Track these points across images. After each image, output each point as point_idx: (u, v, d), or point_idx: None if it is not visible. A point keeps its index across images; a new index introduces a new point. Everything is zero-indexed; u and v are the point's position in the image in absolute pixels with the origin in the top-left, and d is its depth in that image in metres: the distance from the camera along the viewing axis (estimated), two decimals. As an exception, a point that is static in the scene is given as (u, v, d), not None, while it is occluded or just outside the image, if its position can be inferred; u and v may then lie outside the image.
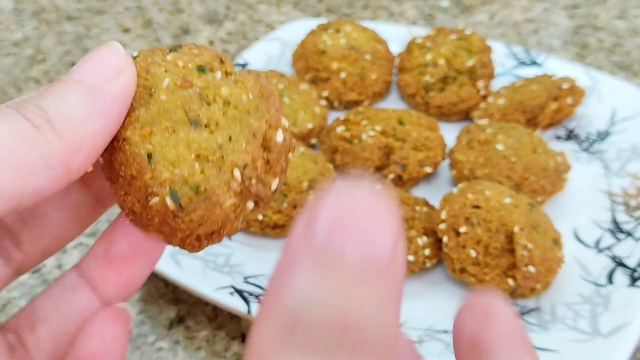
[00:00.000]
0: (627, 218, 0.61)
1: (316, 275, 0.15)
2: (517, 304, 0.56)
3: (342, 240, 0.15)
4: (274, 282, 0.16)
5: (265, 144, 0.24)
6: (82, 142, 0.22)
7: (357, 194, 0.15)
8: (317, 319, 0.14)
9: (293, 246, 0.16)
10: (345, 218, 0.15)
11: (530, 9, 0.96)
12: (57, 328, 0.27)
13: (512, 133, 0.64)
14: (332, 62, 0.75)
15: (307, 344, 0.14)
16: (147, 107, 0.24)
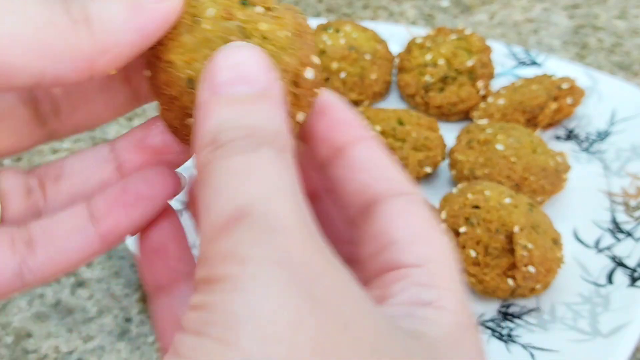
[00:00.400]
0: (627, 218, 0.61)
1: (222, 109, 0.22)
2: (517, 304, 0.56)
3: (232, 82, 0.22)
4: (197, 122, 0.22)
5: (295, 80, 0.26)
6: (111, 48, 0.24)
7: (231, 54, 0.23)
8: (230, 134, 0.21)
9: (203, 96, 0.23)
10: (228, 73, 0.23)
11: (530, 9, 0.96)
12: (77, 187, 0.29)
13: (512, 133, 0.64)
14: (331, 62, 0.75)
15: (227, 149, 0.21)
16: (192, 33, 0.25)
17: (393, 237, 0.25)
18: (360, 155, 0.27)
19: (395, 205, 0.25)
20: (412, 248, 0.24)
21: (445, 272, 0.24)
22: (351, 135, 0.27)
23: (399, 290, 0.23)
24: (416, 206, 0.26)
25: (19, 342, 0.56)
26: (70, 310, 0.58)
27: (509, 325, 0.54)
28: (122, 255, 0.62)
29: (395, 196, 0.26)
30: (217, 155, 0.21)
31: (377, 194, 0.26)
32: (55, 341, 0.56)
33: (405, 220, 0.25)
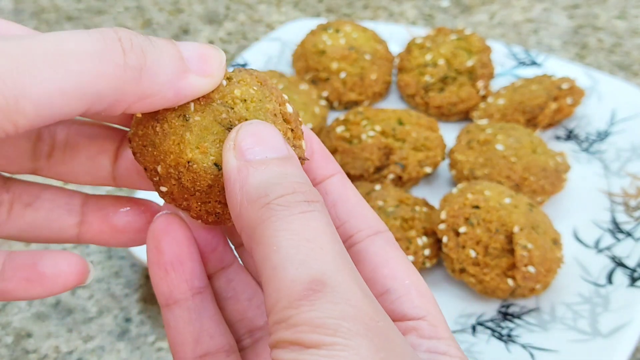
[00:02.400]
0: (627, 218, 0.61)
1: (259, 169, 0.25)
2: (517, 304, 0.56)
3: (258, 148, 0.26)
4: (233, 186, 0.26)
5: (284, 118, 0.29)
6: (149, 97, 0.26)
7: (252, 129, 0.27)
8: (279, 190, 0.25)
9: (231, 163, 0.26)
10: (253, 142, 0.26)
11: (530, 9, 0.96)
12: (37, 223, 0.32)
13: (511, 133, 0.64)
14: (331, 62, 0.75)
15: (283, 208, 0.24)
16: (191, 130, 0.28)
17: (386, 285, 0.29)
18: (333, 191, 0.30)
19: (376, 246, 0.30)
20: (410, 300, 0.28)
21: (441, 321, 0.28)
22: (328, 168, 0.31)
23: (415, 345, 0.27)
24: (392, 246, 0.30)
25: (19, 342, 0.56)
26: (70, 310, 0.58)
27: (508, 325, 0.54)
28: (122, 256, 0.62)
29: (373, 235, 0.30)
30: (273, 212, 0.24)
31: (355, 232, 0.30)
32: (55, 341, 0.56)
33: (389, 264, 0.29)
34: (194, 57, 0.27)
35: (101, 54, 0.24)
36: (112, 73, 0.24)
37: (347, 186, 0.31)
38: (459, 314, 0.55)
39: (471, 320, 0.55)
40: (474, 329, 0.54)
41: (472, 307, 0.56)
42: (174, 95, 0.26)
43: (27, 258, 0.30)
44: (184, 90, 0.26)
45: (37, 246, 0.59)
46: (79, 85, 0.23)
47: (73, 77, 0.23)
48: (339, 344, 0.22)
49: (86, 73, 0.23)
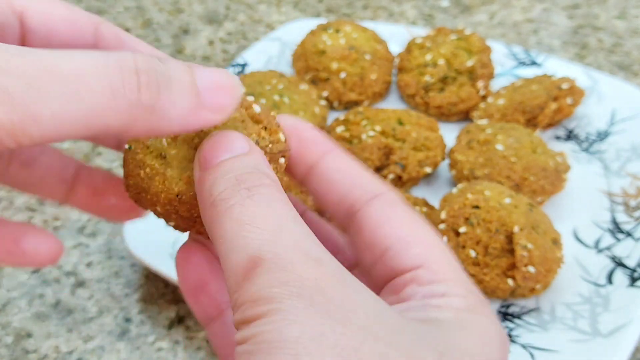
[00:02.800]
0: (627, 218, 0.61)
1: (211, 173, 0.26)
2: (517, 304, 0.56)
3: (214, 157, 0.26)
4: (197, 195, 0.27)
5: (254, 119, 0.29)
6: (156, 129, 0.26)
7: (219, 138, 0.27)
8: (221, 185, 0.25)
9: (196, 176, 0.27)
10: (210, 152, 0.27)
11: (530, 9, 0.96)
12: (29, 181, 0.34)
13: (511, 133, 0.64)
14: (331, 62, 0.75)
15: (225, 201, 0.25)
16: (170, 165, 0.29)
17: (384, 244, 0.28)
18: (328, 168, 0.30)
19: (375, 209, 0.29)
20: (407, 251, 0.27)
21: (443, 264, 0.27)
22: (317, 150, 0.30)
23: (410, 294, 0.26)
24: (394, 206, 0.29)
25: (19, 342, 0.56)
26: (70, 310, 0.58)
27: (508, 325, 0.54)
28: (122, 256, 0.62)
29: (371, 200, 0.29)
30: (216, 208, 0.25)
31: (353, 200, 0.29)
32: (55, 341, 0.56)
33: (389, 223, 0.28)
34: (210, 91, 0.26)
35: (116, 88, 0.23)
36: (124, 110, 0.24)
37: (339, 160, 0.30)
38: (459, 314, 0.55)
39: (471, 320, 0.55)
40: (474, 329, 0.54)
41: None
42: (180, 130, 0.26)
43: (13, 231, 0.32)
44: (192, 126, 0.26)
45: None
46: (89, 117, 0.23)
47: (85, 108, 0.23)
48: (272, 310, 0.22)
49: (98, 107, 0.23)
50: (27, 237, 0.32)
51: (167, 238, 0.59)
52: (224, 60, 0.88)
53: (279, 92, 0.71)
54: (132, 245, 0.57)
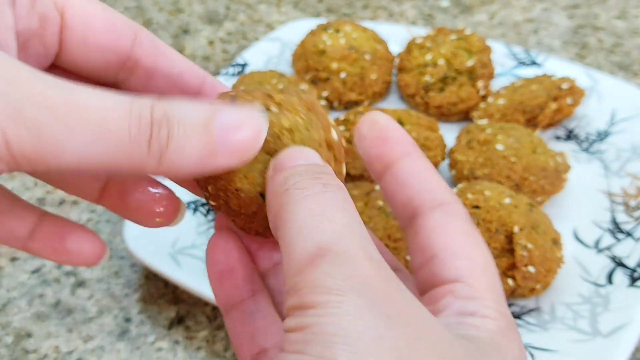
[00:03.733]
0: (627, 218, 0.61)
1: (288, 169, 0.27)
2: (517, 304, 0.56)
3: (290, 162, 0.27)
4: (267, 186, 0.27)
5: (328, 144, 0.30)
6: (167, 174, 0.26)
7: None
8: (298, 177, 0.26)
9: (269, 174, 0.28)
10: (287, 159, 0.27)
11: (530, 9, 0.96)
12: None
13: (511, 133, 0.64)
14: (331, 62, 0.75)
15: (300, 190, 0.25)
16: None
17: (434, 251, 0.28)
18: (403, 170, 0.30)
19: (435, 217, 0.29)
20: (452, 262, 0.28)
21: (483, 283, 0.28)
22: (397, 151, 0.30)
23: (446, 306, 0.27)
24: (453, 217, 0.29)
25: (19, 342, 0.56)
26: (70, 310, 0.58)
27: (508, 325, 0.54)
28: (122, 256, 0.62)
29: (435, 207, 0.29)
30: (291, 196, 0.25)
31: (418, 205, 0.30)
32: (55, 341, 0.56)
33: (443, 232, 0.28)
34: (228, 136, 0.26)
35: (132, 137, 0.24)
36: (135, 158, 0.25)
37: (416, 163, 0.30)
38: (459, 314, 0.55)
39: (471, 320, 0.55)
40: (474, 329, 0.54)
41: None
42: (193, 174, 0.27)
43: (58, 229, 0.32)
44: (204, 170, 0.26)
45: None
46: (106, 160, 0.24)
47: (104, 151, 0.24)
48: (332, 301, 0.22)
49: (116, 152, 0.24)
50: (73, 237, 0.33)
51: (167, 238, 0.59)
52: (224, 60, 0.88)
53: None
54: (132, 245, 0.57)
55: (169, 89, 0.32)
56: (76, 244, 0.33)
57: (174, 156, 0.25)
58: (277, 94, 0.30)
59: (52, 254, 0.33)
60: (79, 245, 0.33)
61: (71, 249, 0.32)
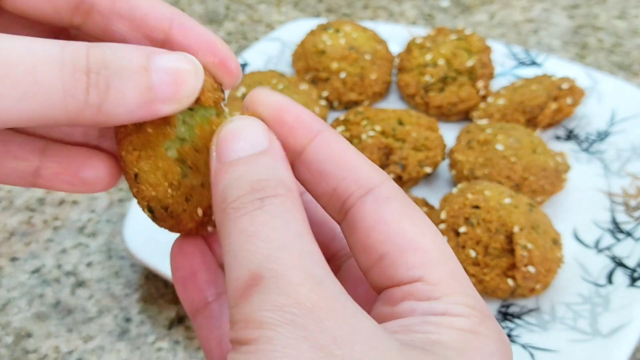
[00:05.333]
0: (627, 218, 0.61)
1: (227, 171, 0.25)
2: (517, 304, 0.56)
3: (235, 148, 0.25)
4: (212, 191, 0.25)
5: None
6: (105, 122, 0.25)
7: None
8: (235, 192, 0.24)
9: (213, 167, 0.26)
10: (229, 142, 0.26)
11: (530, 9, 0.96)
12: None
13: (511, 133, 0.64)
14: (331, 62, 0.75)
15: (235, 210, 0.24)
16: (139, 134, 0.28)
17: (380, 251, 0.25)
18: (318, 156, 0.27)
19: (367, 208, 0.26)
20: (403, 260, 0.25)
21: (444, 275, 0.25)
22: (305, 135, 0.27)
23: (408, 310, 0.25)
24: (388, 202, 0.26)
25: (19, 342, 0.56)
26: (70, 310, 0.58)
27: (508, 325, 0.54)
28: (122, 255, 0.62)
29: (364, 195, 0.26)
30: (227, 217, 0.24)
31: (345, 196, 0.27)
32: (55, 341, 0.56)
33: (384, 225, 0.26)
34: (166, 82, 0.25)
35: (67, 89, 0.23)
36: (72, 109, 0.24)
37: (333, 143, 0.27)
38: (459, 314, 0.55)
39: (471, 320, 0.55)
40: (474, 329, 0.54)
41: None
42: (130, 121, 0.26)
43: (67, 164, 0.30)
44: (143, 117, 0.26)
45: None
46: (39, 114, 0.23)
47: (35, 106, 0.23)
48: (263, 337, 0.21)
49: (49, 105, 0.23)
50: (86, 167, 0.30)
51: (167, 238, 0.59)
52: (224, 60, 0.88)
53: (279, 92, 0.70)
54: (132, 245, 0.57)
55: (132, 33, 0.29)
56: (92, 174, 0.30)
57: (113, 103, 0.24)
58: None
59: (65, 186, 0.30)
60: (94, 174, 0.30)
61: (87, 178, 0.30)
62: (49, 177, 0.30)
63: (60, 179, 0.30)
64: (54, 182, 0.30)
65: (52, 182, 0.30)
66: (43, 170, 0.30)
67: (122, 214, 0.66)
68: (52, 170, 0.30)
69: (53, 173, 0.30)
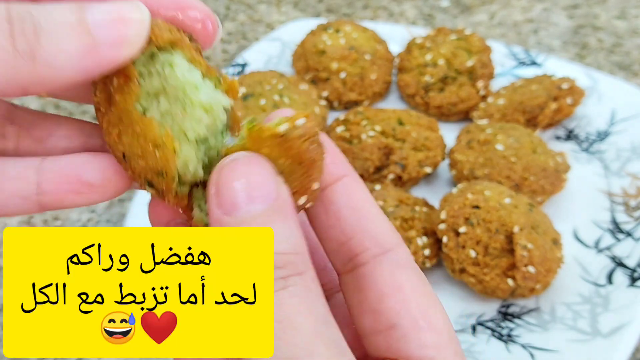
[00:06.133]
0: (627, 218, 0.61)
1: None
2: (517, 304, 0.56)
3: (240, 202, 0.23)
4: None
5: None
6: (49, 81, 0.23)
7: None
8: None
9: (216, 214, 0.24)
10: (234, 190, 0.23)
11: (530, 9, 0.96)
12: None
13: (511, 133, 0.64)
14: (331, 62, 0.75)
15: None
16: (112, 108, 0.26)
17: (392, 319, 0.25)
18: (339, 199, 0.26)
19: (384, 270, 0.25)
20: (417, 336, 0.25)
21: (451, 358, 0.25)
22: (332, 173, 0.26)
23: None
24: (405, 269, 0.25)
25: (19, 342, 0.56)
26: (70, 310, 0.58)
27: (509, 325, 0.54)
28: (122, 255, 0.62)
29: (380, 255, 0.26)
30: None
31: (360, 250, 0.26)
32: (55, 341, 0.56)
33: (399, 294, 0.25)
34: (105, 25, 0.23)
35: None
36: (3, 63, 0.22)
37: (356, 191, 0.26)
38: (459, 314, 0.55)
39: (471, 320, 0.55)
40: (474, 329, 0.54)
41: (472, 307, 0.56)
42: (80, 75, 0.23)
43: (67, 171, 0.27)
44: (92, 68, 0.23)
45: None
46: None
47: None
48: None
49: None
50: (88, 168, 0.27)
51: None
52: (224, 60, 0.88)
53: (279, 92, 0.71)
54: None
55: None
56: (95, 174, 0.27)
57: (49, 51, 0.22)
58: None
59: (73, 196, 0.27)
60: (98, 174, 0.27)
61: (92, 180, 0.27)
62: (53, 191, 0.27)
63: (64, 188, 0.27)
64: (59, 194, 0.27)
65: (57, 195, 0.27)
66: (44, 185, 0.27)
67: (122, 214, 0.66)
68: (53, 182, 0.27)
69: (55, 184, 0.27)
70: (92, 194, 0.27)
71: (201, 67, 0.26)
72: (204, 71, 0.26)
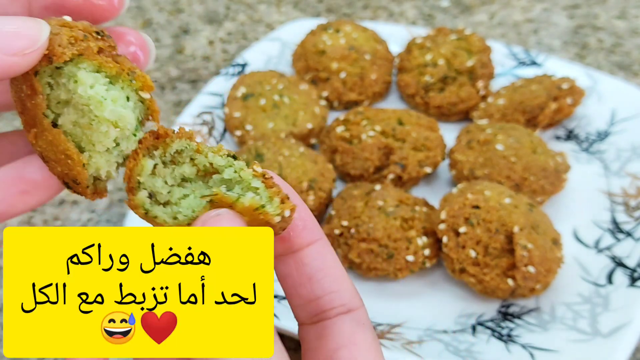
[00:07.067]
0: (627, 218, 0.61)
1: None
2: (517, 304, 0.56)
3: None
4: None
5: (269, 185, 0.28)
6: None
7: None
8: None
9: None
10: None
11: (530, 9, 0.96)
12: None
13: (511, 133, 0.64)
14: (332, 62, 0.75)
15: None
16: (25, 112, 0.27)
17: None
18: (311, 262, 0.29)
19: (346, 327, 0.29)
20: None
21: None
22: (306, 237, 0.29)
23: None
24: (362, 328, 0.29)
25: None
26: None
27: (509, 325, 0.54)
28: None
29: (344, 314, 0.29)
30: None
31: (326, 306, 0.29)
32: (55, 341, 0.56)
33: (353, 347, 0.28)
34: (2, 36, 0.24)
35: None
36: None
37: (327, 255, 0.30)
38: (459, 314, 0.55)
39: (471, 320, 0.55)
40: (474, 329, 0.54)
41: (472, 307, 0.56)
42: None
43: (11, 172, 0.28)
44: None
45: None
46: None
47: None
48: None
49: None
50: (30, 167, 0.28)
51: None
52: (224, 60, 0.88)
53: (279, 92, 0.71)
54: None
55: None
56: (38, 173, 0.28)
57: None
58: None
59: (19, 197, 0.27)
60: (41, 173, 0.28)
61: (35, 179, 0.28)
62: (3, 197, 0.27)
63: (12, 191, 0.27)
64: (9, 198, 0.27)
65: (8, 199, 0.27)
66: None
67: (122, 214, 0.66)
68: (1, 188, 0.27)
69: (3, 189, 0.27)
70: (37, 192, 0.28)
71: (111, 70, 0.27)
72: (113, 74, 0.27)
